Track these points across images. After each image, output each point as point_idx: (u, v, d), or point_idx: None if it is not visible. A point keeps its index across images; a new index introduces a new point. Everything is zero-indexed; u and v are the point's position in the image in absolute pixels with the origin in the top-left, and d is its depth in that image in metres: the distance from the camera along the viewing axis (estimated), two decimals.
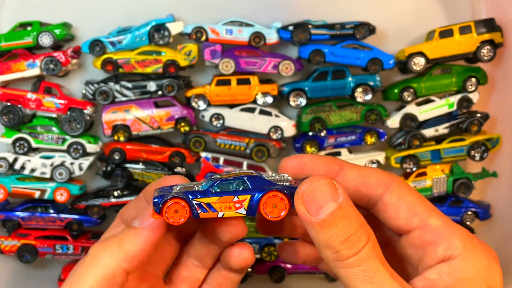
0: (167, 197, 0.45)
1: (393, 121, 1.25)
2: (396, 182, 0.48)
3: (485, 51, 1.20)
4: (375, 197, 0.47)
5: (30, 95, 1.21)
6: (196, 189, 0.46)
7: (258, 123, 1.23)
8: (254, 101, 1.22)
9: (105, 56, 1.19)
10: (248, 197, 0.44)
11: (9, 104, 1.19)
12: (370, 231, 0.43)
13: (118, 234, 0.47)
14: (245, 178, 0.45)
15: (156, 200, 0.45)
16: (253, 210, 0.45)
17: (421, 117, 1.25)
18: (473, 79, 1.22)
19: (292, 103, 1.22)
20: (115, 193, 1.25)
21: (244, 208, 0.44)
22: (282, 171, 0.49)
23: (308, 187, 0.43)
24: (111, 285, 0.44)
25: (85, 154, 1.22)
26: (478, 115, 1.25)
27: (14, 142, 1.21)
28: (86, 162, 1.22)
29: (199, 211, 0.44)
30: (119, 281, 0.44)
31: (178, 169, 1.23)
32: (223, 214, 0.45)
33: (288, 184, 0.46)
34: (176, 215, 0.44)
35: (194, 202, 0.44)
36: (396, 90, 1.23)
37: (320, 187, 0.43)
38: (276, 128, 1.23)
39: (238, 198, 0.44)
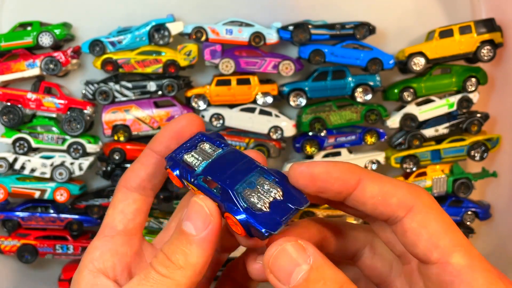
0: (168, 165, 0.47)
1: (393, 121, 1.25)
2: (421, 204, 0.41)
3: (485, 51, 1.20)
4: (395, 218, 0.42)
5: (30, 95, 1.21)
6: (196, 164, 0.46)
7: (258, 123, 1.23)
8: (254, 101, 1.22)
9: (105, 56, 1.19)
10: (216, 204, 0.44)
11: (9, 104, 1.19)
12: None
13: (176, 243, 0.42)
14: (221, 187, 0.43)
15: (166, 159, 0.47)
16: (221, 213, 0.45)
17: (421, 117, 1.25)
18: (473, 79, 1.22)
19: (292, 103, 1.22)
20: None
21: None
22: (292, 180, 0.44)
23: (272, 254, 0.39)
24: None
25: (85, 154, 1.22)
26: (478, 115, 1.25)
27: (14, 142, 1.21)
28: (86, 162, 1.22)
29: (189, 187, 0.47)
30: None
31: None
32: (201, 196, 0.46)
33: (260, 208, 0.42)
34: (175, 178, 0.47)
35: (183, 180, 0.46)
36: (396, 90, 1.23)
37: (284, 251, 0.39)
38: (276, 128, 1.23)
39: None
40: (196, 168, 0.45)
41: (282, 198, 0.43)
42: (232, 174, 0.43)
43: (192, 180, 0.45)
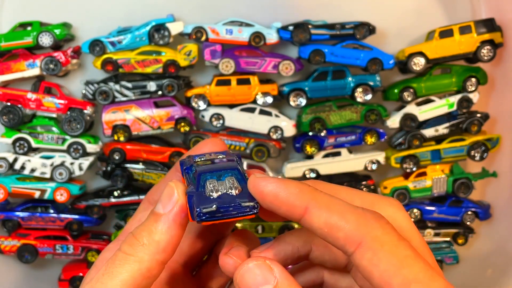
0: (181, 160, 0.50)
1: (393, 121, 1.25)
2: (370, 240, 0.37)
3: (485, 51, 1.20)
4: (345, 253, 0.39)
5: (30, 95, 1.21)
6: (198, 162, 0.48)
7: (258, 123, 1.23)
8: (254, 101, 1.22)
9: (105, 56, 1.19)
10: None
11: (9, 104, 1.19)
12: None
13: (145, 223, 0.44)
14: (195, 173, 0.46)
15: (186, 156, 0.50)
16: None
17: (421, 117, 1.25)
18: (473, 79, 1.22)
19: (292, 103, 1.22)
20: (115, 193, 1.25)
21: None
22: (250, 190, 0.44)
23: (239, 272, 0.40)
24: (147, 279, 0.42)
25: (85, 154, 1.22)
26: (478, 115, 1.25)
27: (14, 142, 1.21)
28: (86, 162, 1.22)
29: None
30: (155, 274, 0.43)
31: None
32: None
33: (209, 194, 0.43)
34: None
35: (183, 173, 0.49)
36: (396, 90, 1.23)
37: (249, 271, 0.39)
38: (276, 128, 1.23)
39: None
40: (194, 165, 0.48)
41: (235, 195, 0.43)
42: (211, 167, 0.46)
43: (184, 168, 0.47)
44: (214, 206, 0.41)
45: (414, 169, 1.26)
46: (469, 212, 1.27)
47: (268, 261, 0.40)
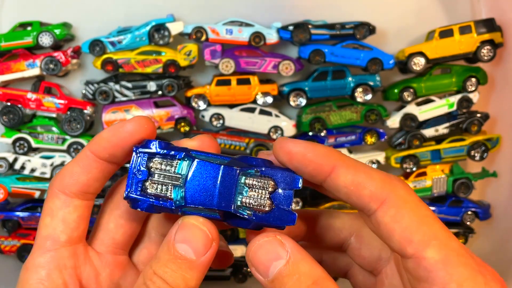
0: (133, 206, 0.44)
1: (393, 121, 1.25)
2: (394, 197, 0.40)
3: (485, 51, 1.20)
4: (368, 210, 0.40)
5: (30, 95, 1.21)
6: (169, 196, 0.43)
7: (258, 123, 1.23)
8: (254, 101, 1.22)
9: (105, 56, 1.19)
10: None
11: (9, 104, 1.19)
12: (326, 285, 0.39)
13: (174, 268, 0.41)
14: (218, 211, 0.42)
15: (125, 199, 0.45)
16: None
17: (421, 117, 1.25)
18: (473, 79, 1.22)
19: (292, 103, 1.22)
20: None
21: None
22: (274, 152, 0.44)
23: (251, 248, 0.41)
24: None
25: None
26: (478, 115, 1.25)
27: (14, 142, 1.21)
28: None
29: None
30: None
31: None
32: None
33: (265, 210, 0.42)
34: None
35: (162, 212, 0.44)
36: (396, 90, 1.23)
37: (262, 246, 0.40)
38: (276, 128, 1.23)
39: None
40: (171, 197, 0.43)
41: (277, 187, 0.42)
42: (221, 193, 0.42)
43: (180, 213, 0.43)
44: (295, 211, 0.42)
45: (414, 169, 1.26)
46: (469, 212, 1.27)
47: (279, 236, 0.40)
